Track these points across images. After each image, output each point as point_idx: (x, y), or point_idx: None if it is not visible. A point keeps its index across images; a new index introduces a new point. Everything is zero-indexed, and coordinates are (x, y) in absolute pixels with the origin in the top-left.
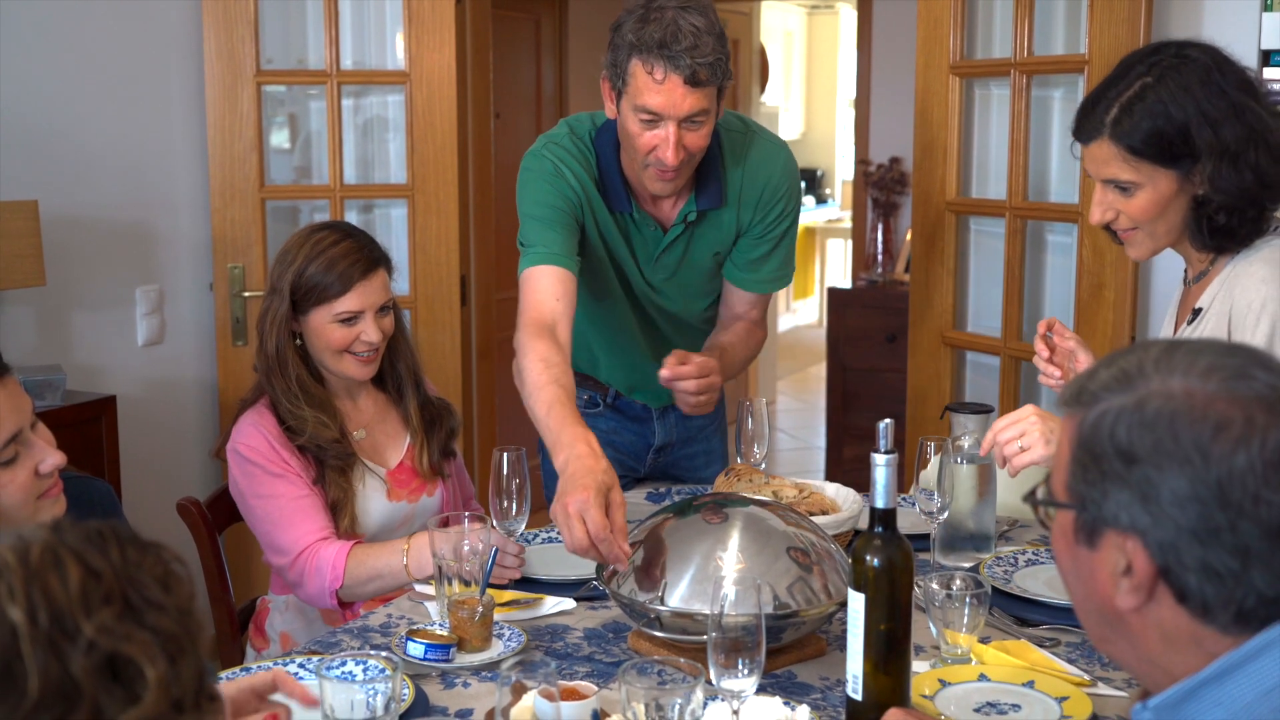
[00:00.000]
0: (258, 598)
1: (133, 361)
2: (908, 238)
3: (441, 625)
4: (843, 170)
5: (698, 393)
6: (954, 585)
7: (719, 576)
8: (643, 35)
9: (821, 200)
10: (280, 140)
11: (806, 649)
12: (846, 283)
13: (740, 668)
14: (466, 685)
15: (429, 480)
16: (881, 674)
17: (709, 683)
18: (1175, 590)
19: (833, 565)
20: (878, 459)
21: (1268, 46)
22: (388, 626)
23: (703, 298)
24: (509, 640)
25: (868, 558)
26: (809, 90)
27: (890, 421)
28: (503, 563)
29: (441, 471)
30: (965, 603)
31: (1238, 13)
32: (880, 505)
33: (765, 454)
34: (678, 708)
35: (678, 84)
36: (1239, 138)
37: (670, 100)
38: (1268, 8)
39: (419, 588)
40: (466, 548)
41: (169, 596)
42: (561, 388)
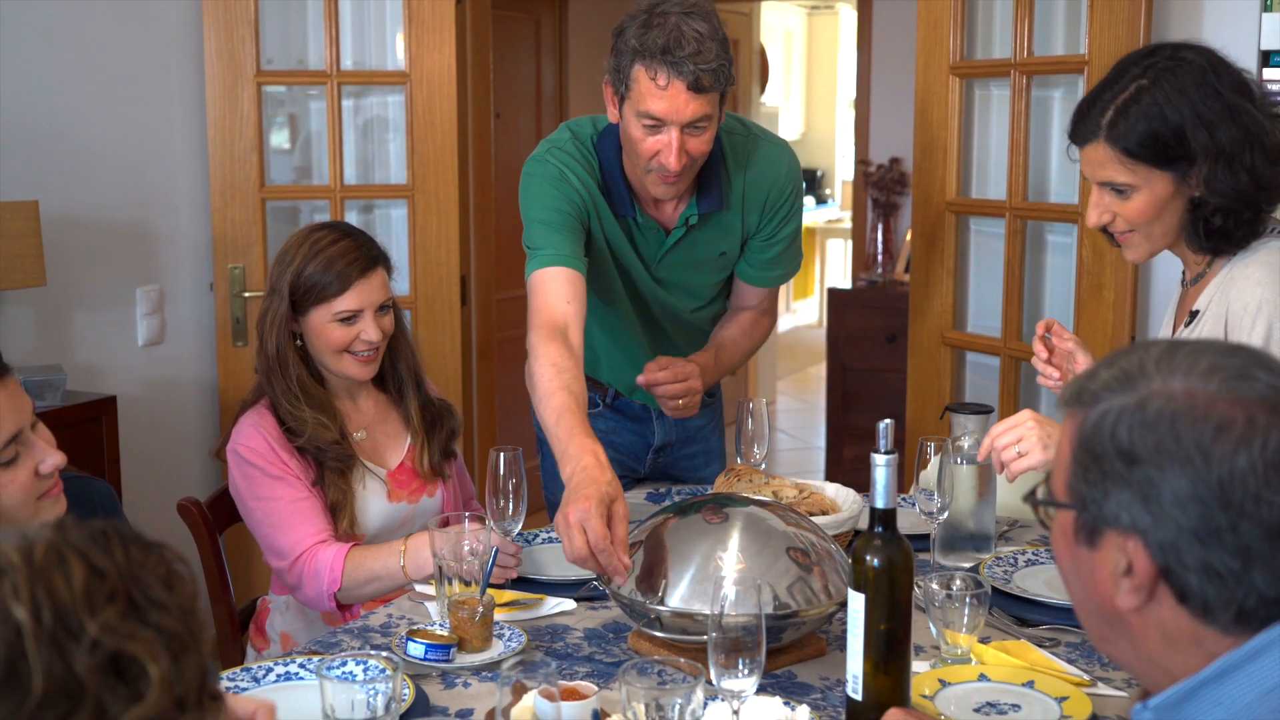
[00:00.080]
0: (258, 598)
1: (133, 362)
2: (908, 238)
3: (442, 625)
4: (843, 170)
5: (674, 397)
6: (954, 585)
7: (719, 577)
8: (646, 41)
9: (821, 200)
10: (280, 140)
11: (806, 649)
12: (846, 283)
13: (740, 668)
14: (467, 685)
15: (429, 481)
16: (881, 674)
17: (709, 683)
18: (1176, 590)
19: (833, 565)
20: (878, 459)
21: (1267, 47)
22: (388, 626)
23: (706, 296)
24: (509, 640)
25: (868, 558)
26: (809, 90)
27: (890, 422)
28: (500, 562)
29: (442, 472)
30: (965, 603)
31: (1237, 13)
32: (880, 505)
33: (765, 454)
34: (678, 708)
35: (681, 90)
36: (1234, 140)
37: (673, 106)
38: (1268, 8)
39: (419, 588)
40: (467, 548)
41: (172, 596)
42: (571, 395)
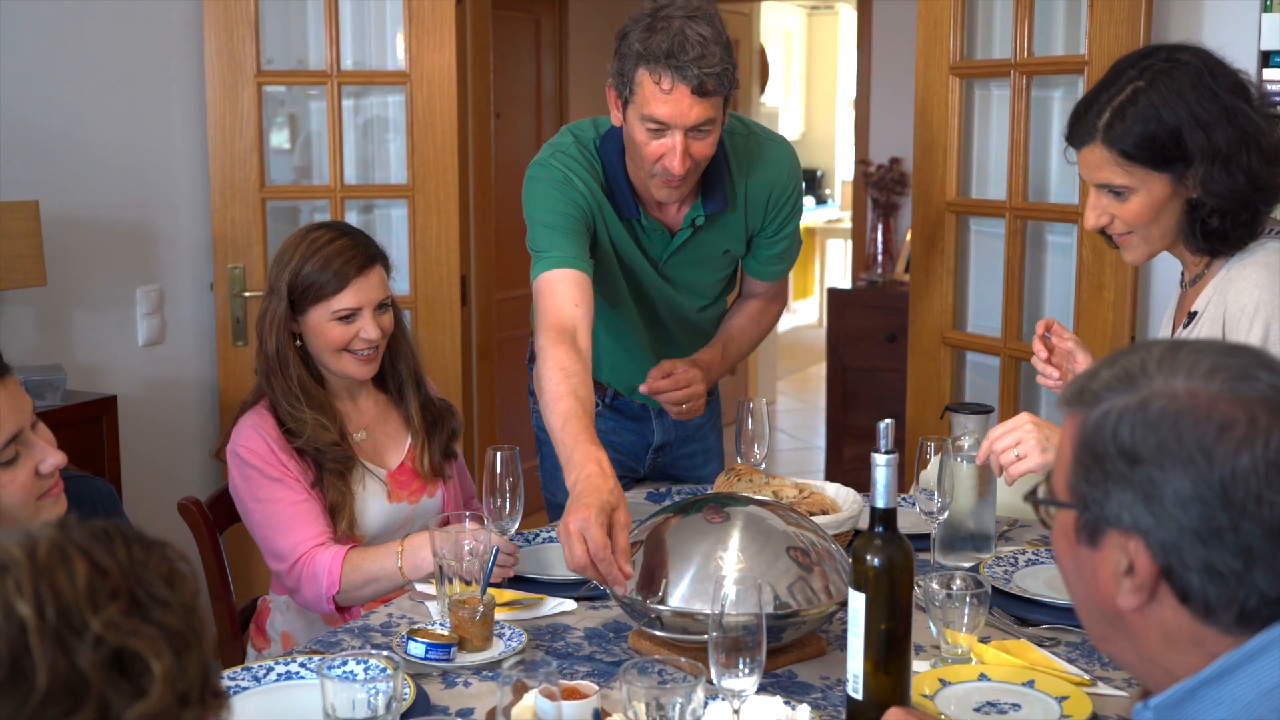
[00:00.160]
0: (259, 597)
1: (133, 361)
2: (908, 238)
3: (442, 625)
4: (843, 170)
5: (679, 403)
6: (954, 585)
7: (719, 576)
8: (650, 45)
9: (821, 200)
10: (280, 140)
11: (807, 648)
12: (846, 283)
13: (741, 667)
14: (467, 685)
15: (430, 481)
16: (882, 673)
17: (710, 682)
18: (1177, 590)
19: (833, 565)
20: (878, 459)
21: (1267, 47)
22: (389, 626)
23: (712, 295)
24: (510, 640)
25: (868, 557)
26: (809, 90)
27: (891, 421)
28: (498, 561)
29: (442, 473)
30: (965, 602)
31: (1237, 13)
32: (881, 505)
33: (765, 454)
34: (678, 707)
35: (685, 94)
36: (1231, 141)
37: (678, 110)
38: (1267, 8)
39: (420, 587)
40: (467, 547)
41: (174, 593)
42: (578, 400)
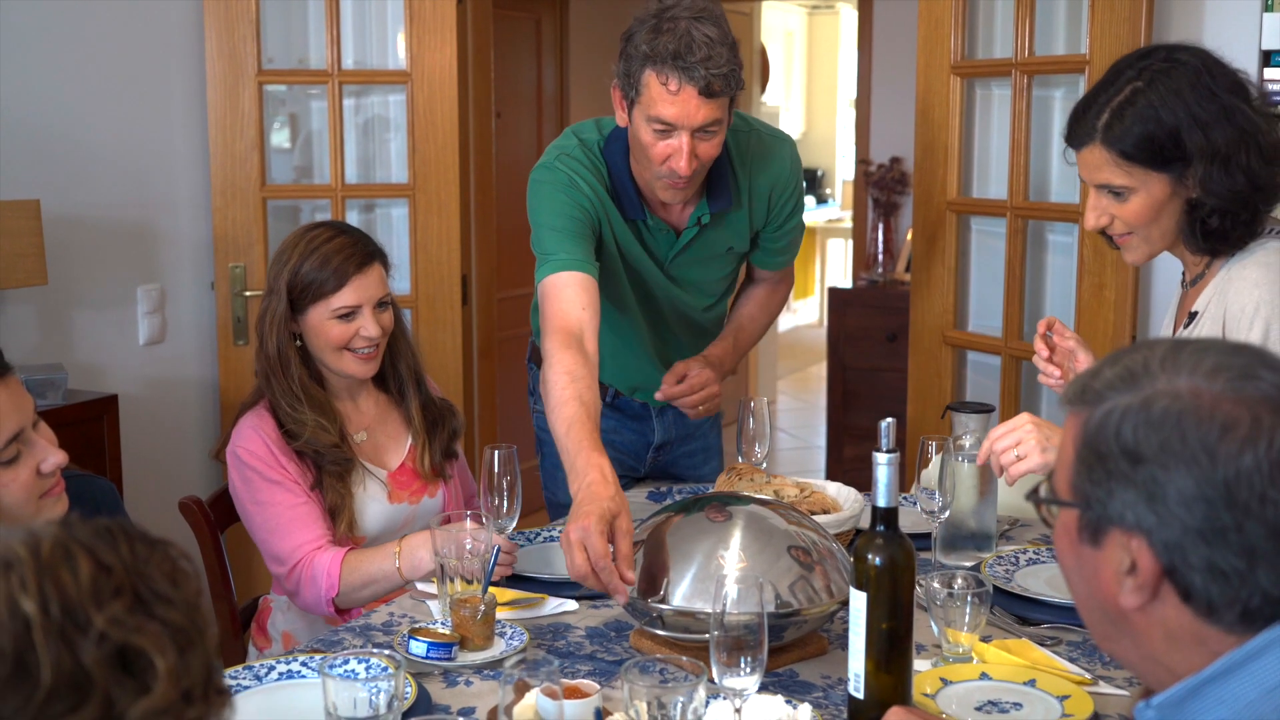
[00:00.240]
0: (260, 596)
1: (134, 360)
2: (908, 237)
3: (444, 624)
4: (843, 170)
5: (695, 405)
6: (955, 584)
7: (721, 575)
8: (656, 46)
9: (822, 200)
10: (281, 140)
11: (808, 647)
12: (847, 282)
13: (742, 666)
14: (469, 684)
15: (430, 482)
16: (883, 672)
17: (711, 681)
18: (1180, 590)
19: (834, 564)
20: (879, 458)
21: (1268, 47)
22: (390, 625)
23: (717, 293)
24: (511, 639)
25: (869, 556)
26: (809, 90)
27: (892, 420)
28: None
29: (443, 473)
30: (967, 601)
31: (1238, 13)
32: (882, 504)
33: (766, 453)
34: (680, 706)
35: (692, 95)
36: (1230, 140)
37: (684, 111)
38: (1268, 8)
39: (421, 586)
40: (469, 546)
41: (177, 591)
42: (583, 405)
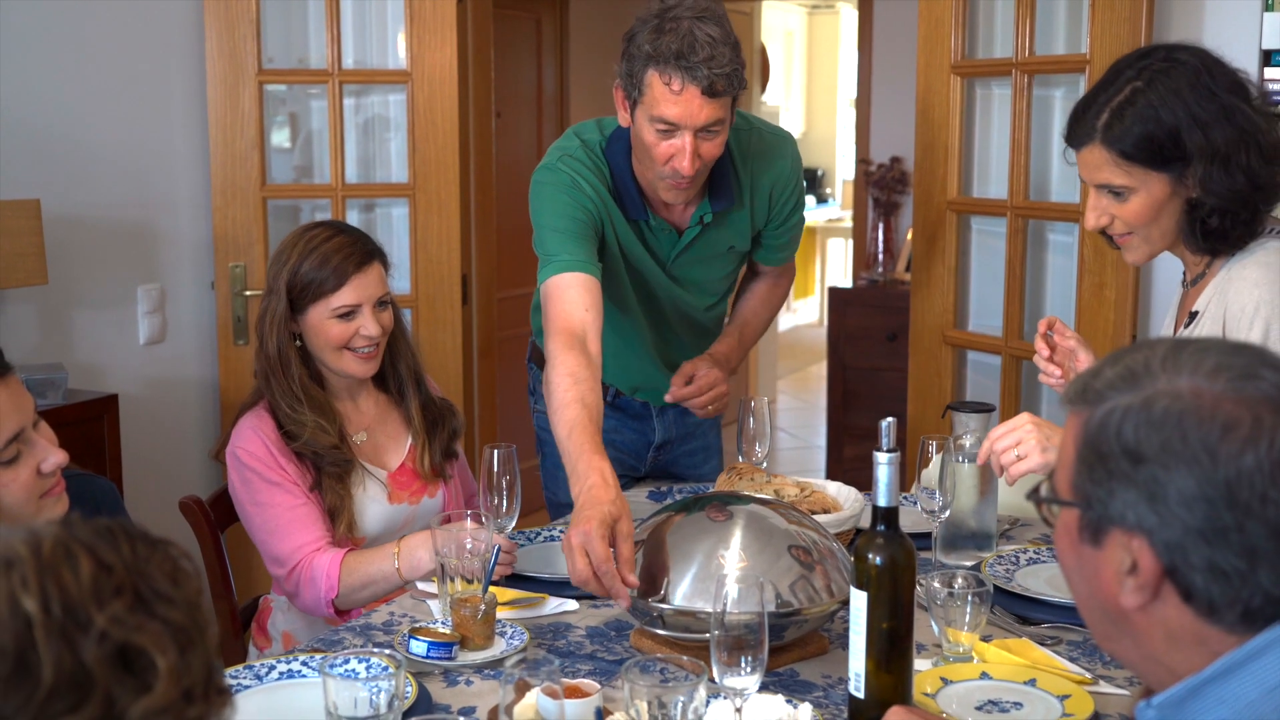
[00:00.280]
0: (260, 596)
1: (134, 360)
2: (908, 237)
3: (444, 623)
4: (843, 170)
5: (705, 405)
6: (956, 584)
7: (721, 575)
8: (659, 46)
9: (822, 200)
10: (281, 139)
11: (808, 647)
12: (847, 282)
13: (743, 666)
14: (469, 683)
15: (430, 482)
16: (884, 672)
17: (711, 680)
18: (1181, 590)
19: (835, 564)
20: (880, 457)
21: (1268, 46)
22: (390, 624)
23: (719, 292)
24: (511, 638)
25: (870, 556)
26: (809, 90)
27: (893, 420)
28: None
29: (443, 473)
30: (967, 601)
31: (1238, 13)
32: (882, 503)
33: (767, 453)
34: (680, 705)
35: (695, 95)
36: (1229, 140)
37: (688, 111)
38: (1268, 8)
39: (421, 585)
40: (469, 545)
41: (178, 590)
42: (585, 407)
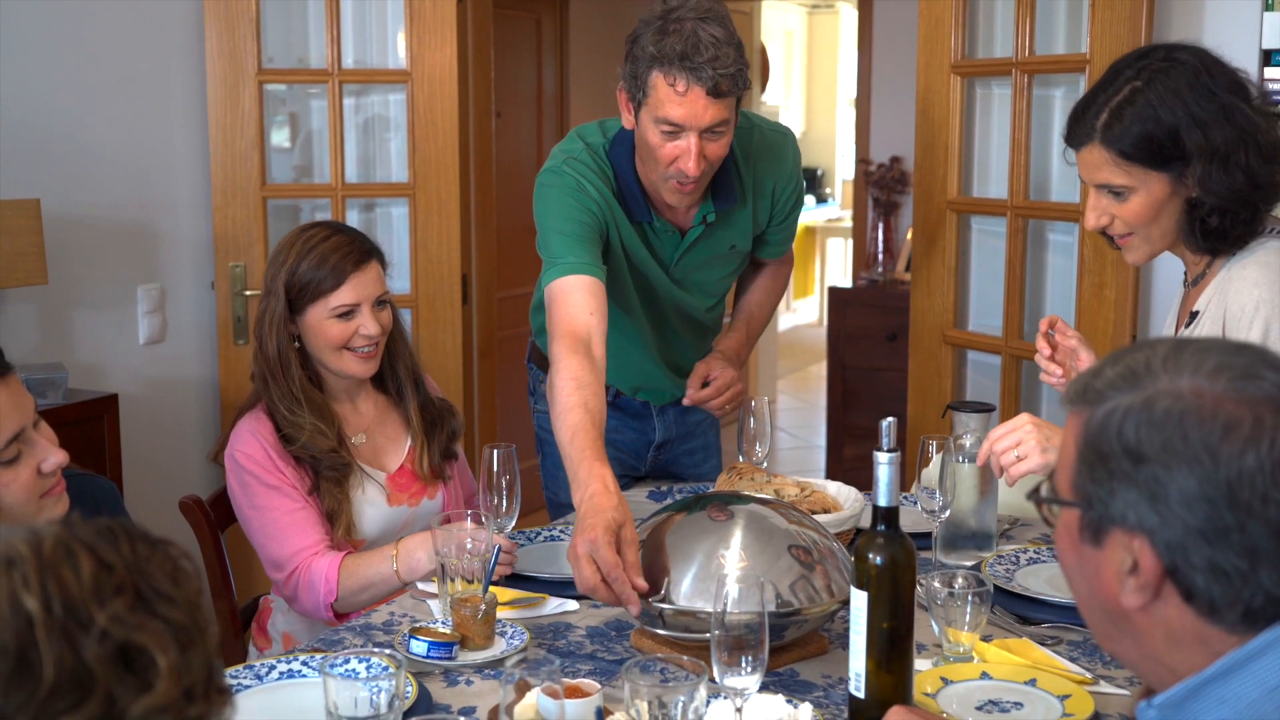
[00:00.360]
0: (260, 596)
1: (134, 360)
2: (908, 237)
3: (444, 623)
4: (843, 169)
5: (723, 406)
6: (956, 583)
7: (722, 575)
8: (663, 47)
9: (822, 199)
10: (281, 139)
11: (809, 647)
12: (847, 282)
13: (743, 665)
14: (469, 683)
15: (429, 484)
16: (884, 672)
17: (712, 680)
18: (1182, 590)
19: (835, 563)
20: (880, 457)
21: (1268, 46)
22: (390, 624)
23: (719, 293)
24: (511, 638)
25: (870, 556)
26: (809, 89)
27: (893, 420)
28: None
29: (442, 474)
30: (967, 601)
31: (1238, 12)
32: (883, 503)
33: (767, 452)
34: (681, 705)
35: (700, 95)
36: (1229, 139)
37: (692, 112)
38: (1268, 8)
39: (422, 585)
40: (469, 545)
41: (178, 589)
42: (588, 412)
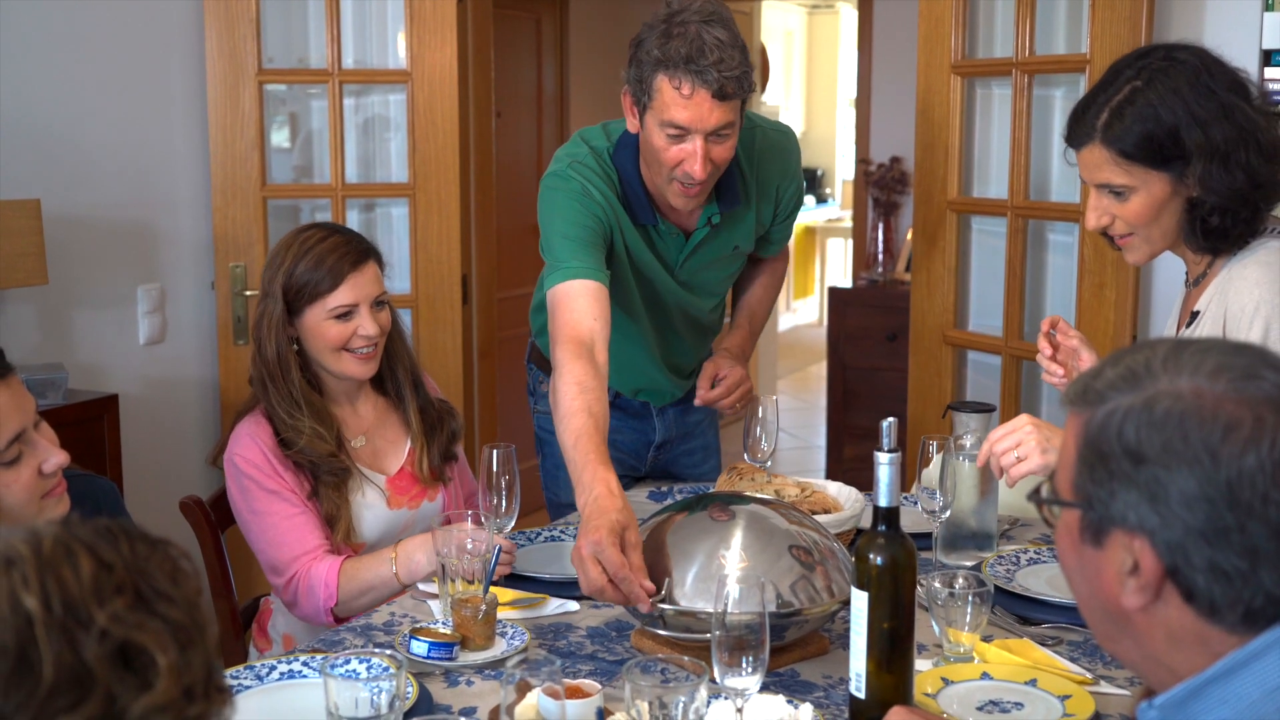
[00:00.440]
0: (260, 596)
1: (134, 360)
2: (908, 237)
3: (445, 624)
4: (843, 170)
5: (734, 403)
6: (956, 584)
7: (722, 575)
8: (668, 51)
9: (822, 200)
10: (281, 139)
11: (809, 647)
12: (847, 282)
13: (744, 666)
14: (470, 683)
15: (430, 486)
16: (884, 672)
17: (713, 681)
18: (1183, 590)
19: (835, 564)
20: (881, 457)
21: (1268, 46)
22: (391, 625)
23: (721, 293)
24: (512, 639)
25: (871, 556)
26: (809, 90)
27: (894, 420)
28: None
29: (442, 476)
30: (968, 601)
31: (1238, 12)
32: (883, 503)
33: (772, 451)
34: (681, 706)
35: (706, 98)
36: (1229, 138)
37: (698, 115)
38: (1268, 8)
39: (422, 585)
40: (470, 545)
41: (177, 589)
42: (592, 417)
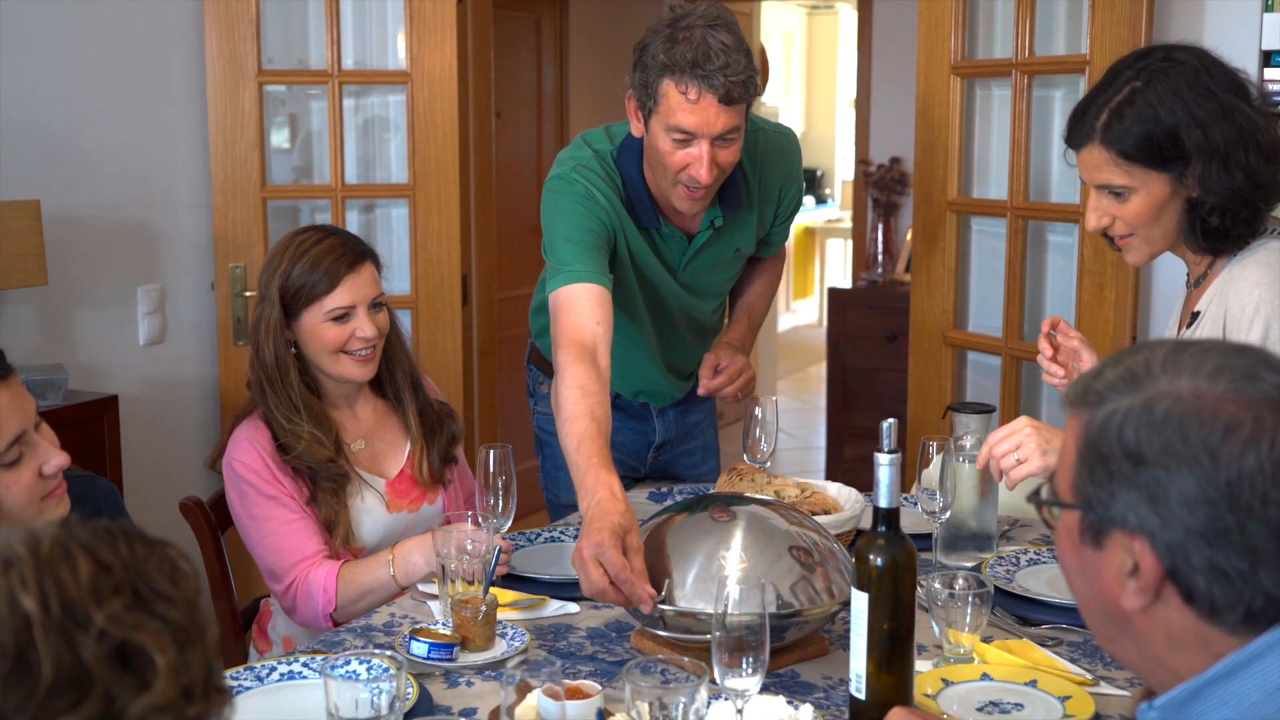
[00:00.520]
0: (260, 598)
1: (134, 361)
2: (908, 237)
3: (445, 624)
4: (843, 170)
5: (736, 392)
6: (957, 585)
7: (722, 576)
8: (674, 55)
9: (821, 200)
10: (281, 140)
11: (809, 648)
12: (847, 283)
13: (744, 667)
14: (470, 684)
15: (429, 489)
16: (885, 673)
17: (713, 682)
18: (1183, 591)
19: (835, 565)
20: (881, 458)
21: (1268, 47)
22: (391, 626)
23: (723, 294)
24: (512, 640)
25: (871, 557)
26: (809, 90)
27: (894, 421)
28: None
29: (442, 478)
30: (968, 602)
31: (1238, 13)
32: (883, 504)
33: (772, 451)
34: (681, 706)
35: (712, 103)
36: (1228, 139)
37: (704, 119)
38: (1268, 8)
39: (422, 586)
40: (469, 546)
41: (176, 589)
42: (594, 420)
